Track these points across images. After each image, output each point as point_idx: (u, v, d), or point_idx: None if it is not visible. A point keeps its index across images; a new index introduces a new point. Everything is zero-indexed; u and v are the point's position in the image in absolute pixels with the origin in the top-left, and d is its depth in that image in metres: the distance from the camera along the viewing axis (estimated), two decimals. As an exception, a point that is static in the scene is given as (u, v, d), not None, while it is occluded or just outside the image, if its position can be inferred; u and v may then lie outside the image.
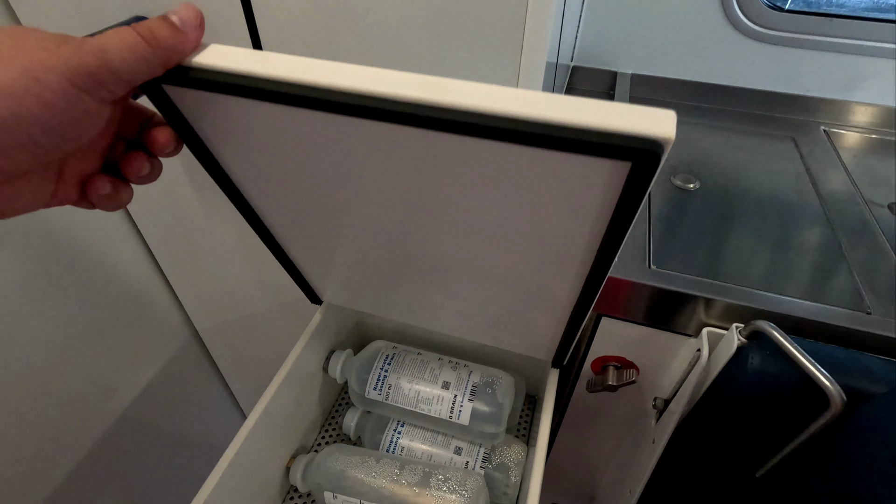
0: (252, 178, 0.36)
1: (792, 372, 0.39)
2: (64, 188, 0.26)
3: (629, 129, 0.22)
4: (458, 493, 0.49)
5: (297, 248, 0.46)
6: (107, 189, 0.27)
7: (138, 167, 0.27)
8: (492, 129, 0.24)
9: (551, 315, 0.43)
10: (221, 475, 0.43)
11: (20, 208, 0.24)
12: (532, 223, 0.31)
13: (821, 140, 0.80)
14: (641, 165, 0.23)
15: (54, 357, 0.62)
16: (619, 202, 0.26)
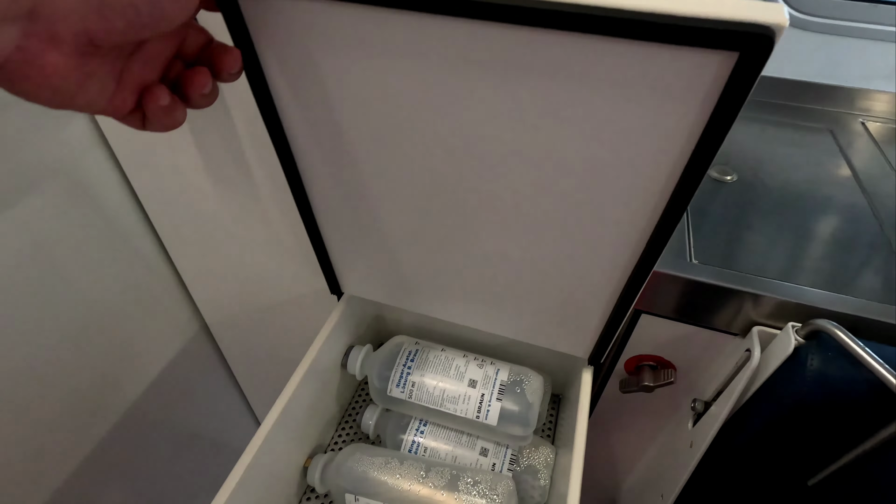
0: (307, 121, 0.35)
1: (857, 375, 0.37)
2: (122, 93, 0.25)
3: (739, 17, 0.21)
4: (489, 497, 0.46)
5: (332, 221, 0.44)
6: (165, 100, 0.26)
7: (202, 83, 0.27)
8: (595, 20, 0.23)
9: (596, 301, 0.40)
10: (243, 474, 0.41)
11: (84, 102, 0.24)
12: (614, 146, 0.29)
13: (859, 133, 0.77)
14: (751, 56, 0.22)
15: (59, 349, 0.60)
16: (719, 104, 0.24)
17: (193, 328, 0.80)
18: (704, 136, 0.26)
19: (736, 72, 0.23)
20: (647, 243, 0.34)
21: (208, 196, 0.58)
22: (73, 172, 0.57)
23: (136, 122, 0.27)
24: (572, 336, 0.46)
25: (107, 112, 0.26)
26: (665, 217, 0.31)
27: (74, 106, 0.24)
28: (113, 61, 0.24)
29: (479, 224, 0.38)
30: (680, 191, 0.30)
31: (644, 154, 0.29)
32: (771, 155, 0.70)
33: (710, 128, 0.26)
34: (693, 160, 0.28)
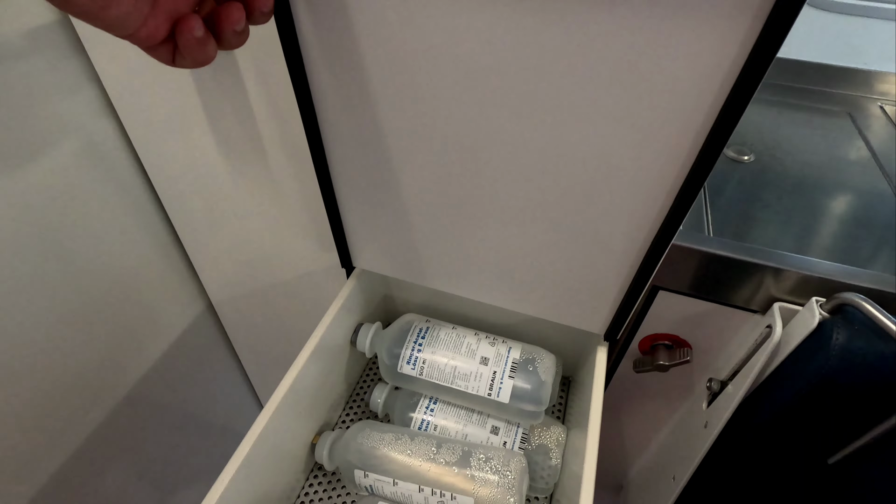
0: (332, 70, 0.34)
1: (885, 349, 0.36)
2: (155, 19, 0.25)
3: None
4: (501, 473, 0.45)
5: (350, 187, 0.43)
6: (200, 31, 0.26)
7: (236, 18, 0.26)
8: None
9: (616, 270, 0.39)
10: (248, 451, 0.40)
11: (114, 17, 0.23)
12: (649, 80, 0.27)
13: (878, 116, 0.76)
14: None
15: (63, 325, 0.59)
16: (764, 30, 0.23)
17: (198, 308, 0.79)
18: (746, 68, 0.25)
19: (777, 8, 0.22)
20: (667, 215, 0.33)
21: (218, 171, 0.57)
22: (79, 143, 0.55)
23: (167, 54, 0.27)
24: (589, 312, 0.45)
25: (139, 37, 0.25)
26: (685, 187, 0.30)
27: (106, 17, 0.23)
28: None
29: (497, 194, 0.37)
30: (701, 159, 0.29)
31: (679, 92, 0.27)
32: (788, 136, 0.69)
33: (753, 59, 0.24)
34: (729, 101, 0.26)
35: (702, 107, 0.27)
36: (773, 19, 0.23)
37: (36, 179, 0.52)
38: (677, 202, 0.32)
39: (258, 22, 0.28)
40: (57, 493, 0.62)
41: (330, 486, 0.53)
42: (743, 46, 0.25)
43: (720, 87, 0.26)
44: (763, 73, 0.25)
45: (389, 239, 0.46)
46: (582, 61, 0.28)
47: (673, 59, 0.26)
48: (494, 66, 0.30)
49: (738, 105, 0.26)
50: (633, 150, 0.31)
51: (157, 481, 0.79)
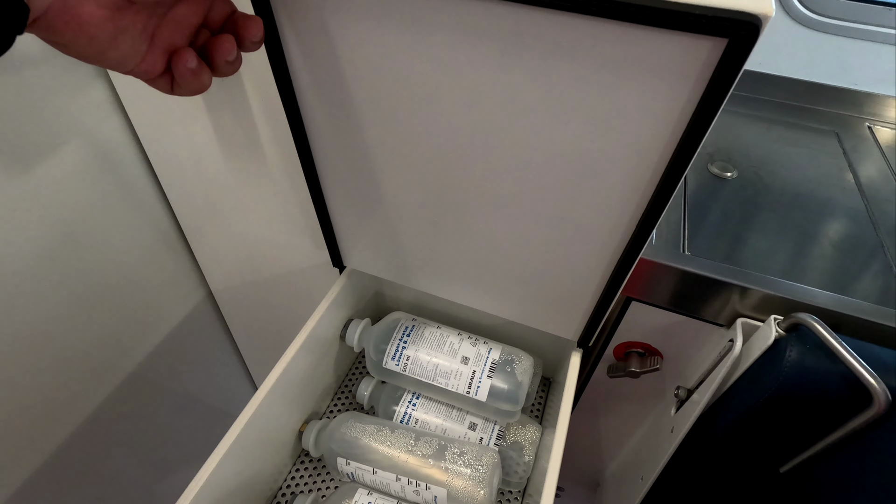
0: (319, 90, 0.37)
1: (833, 368, 0.38)
2: (153, 54, 0.27)
3: (728, 4, 0.23)
4: (474, 467, 0.48)
5: (338, 193, 0.46)
6: (193, 63, 0.28)
7: (227, 49, 0.28)
8: (589, 3, 0.24)
9: (585, 286, 0.42)
10: (238, 435, 0.43)
11: (115, 58, 0.25)
12: (609, 124, 0.30)
13: (865, 136, 0.77)
14: (738, 43, 0.23)
15: (67, 309, 0.61)
16: (709, 87, 0.26)
17: (199, 296, 0.82)
18: (693, 121, 0.28)
19: (725, 57, 0.25)
20: (635, 229, 0.35)
21: (220, 167, 0.60)
22: (90, 138, 0.58)
23: (165, 85, 0.29)
24: (561, 318, 0.47)
25: (138, 72, 0.27)
26: (652, 203, 0.33)
27: (107, 59, 0.25)
28: (145, 20, 0.26)
29: (475, 203, 0.40)
30: (668, 175, 0.31)
31: (635, 137, 0.30)
32: (774, 154, 0.71)
33: (700, 111, 0.27)
34: (682, 144, 0.29)
35: (660, 139, 0.30)
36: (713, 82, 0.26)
37: (49, 172, 0.55)
38: (641, 225, 0.35)
39: (249, 50, 0.30)
40: (56, 470, 0.65)
41: (315, 472, 0.56)
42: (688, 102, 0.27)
43: (676, 124, 0.29)
44: (712, 116, 0.27)
45: (376, 242, 0.49)
46: (543, 97, 0.30)
47: (626, 101, 0.29)
48: (467, 96, 0.32)
49: (694, 139, 0.29)
50: (597, 176, 0.33)
51: (155, 461, 0.82)
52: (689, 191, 0.62)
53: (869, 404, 0.36)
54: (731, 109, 0.80)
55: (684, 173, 0.30)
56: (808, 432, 0.41)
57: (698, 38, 0.24)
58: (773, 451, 0.44)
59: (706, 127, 0.27)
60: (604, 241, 0.38)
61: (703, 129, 0.28)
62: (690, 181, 0.64)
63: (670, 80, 0.27)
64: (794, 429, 0.42)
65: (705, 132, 0.28)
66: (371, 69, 0.33)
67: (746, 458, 0.47)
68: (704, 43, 0.25)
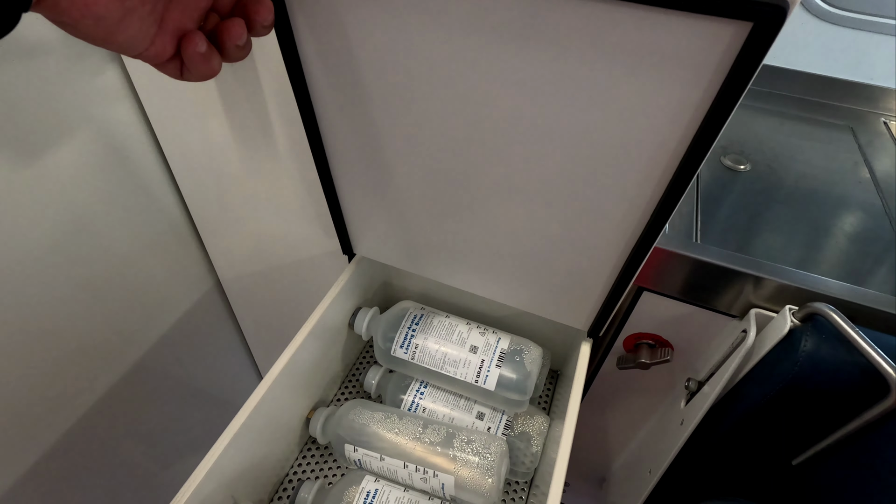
0: (329, 76, 0.36)
1: (849, 358, 0.37)
2: (162, 38, 0.27)
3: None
4: (482, 455, 0.48)
5: (348, 179, 0.46)
6: (203, 46, 0.27)
7: (238, 33, 0.28)
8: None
9: (597, 274, 0.41)
10: (245, 419, 0.43)
11: (125, 40, 0.25)
12: (626, 114, 0.30)
13: (881, 132, 0.76)
14: (763, 27, 0.22)
15: (76, 296, 0.61)
16: (730, 76, 0.25)
17: (207, 284, 0.83)
18: (712, 110, 0.27)
19: (748, 43, 0.24)
20: (650, 218, 0.35)
21: (230, 155, 0.60)
22: (103, 126, 0.58)
23: (175, 69, 0.28)
24: (573, 307, 0.47)
25: (148, 56, 0.27)
26: (668, 192, 0.32)
27: (115, 41, 0.25)
28: (154, 2, 0.25)
29: (487, 190, 0.39)
30: (684, 166, 0.30)
31: (652, 125, 0.29)
32: (788, 148, 0.70)
33: (719, 101, 0.26)
34: (700, 133, 0.28)
35: (678, 128, 0.29)
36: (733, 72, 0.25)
37: (61, 159, 0.55)
38: (656, 214, 0.34)
39: (259, 34, 0.29)
40: (62, 456, 0.65)
41: (322, 459, 0.56)
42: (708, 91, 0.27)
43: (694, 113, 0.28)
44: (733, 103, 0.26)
45: (386, 229, 0.49)
46: (558, 83, 0.30)
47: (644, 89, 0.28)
48: (481, 82, 0.32)
49: (713, 129, 0.28)
50: (612, 164, 0.33)
51: (160, 450, 0.83)
52: (702, 182, 0.62)
53: (885, 395, 0.36)
54: (744, 103, 0.79)
55: (702, 163, 0.29)
56: (822, 424, 0.41)
57: (721, 21, 0.23)
58: (786, 444, 0.44)
59: (725, 117, 0.27)
60: (618, 229, 0.37)
61: (723, 118, 0.27)
62: (703, 173, 0.63)
63: (690, 67, 0.26)
64: (807, 420, 0.41)
65: (724, 122, 0.27)
66: (382, 54, 0.33)
67: (758, 450, 0.47)
68: (727, 27, 0.24)
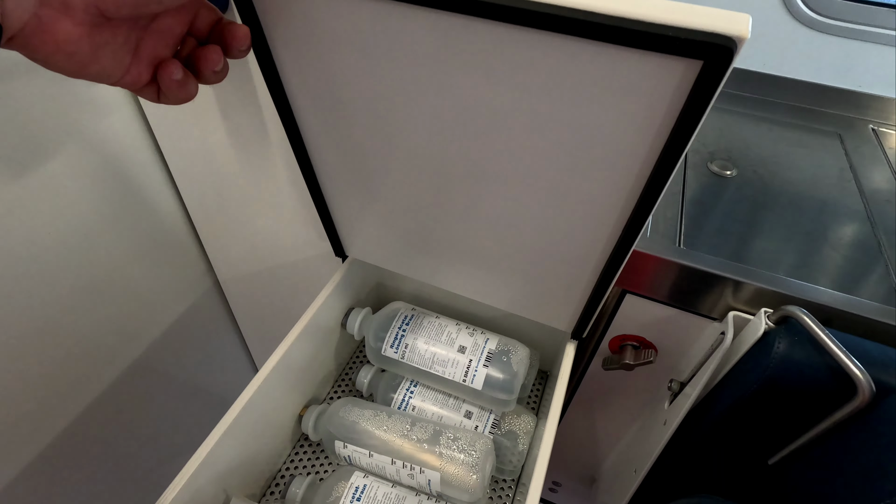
0: (308, 91, 0.37)
1: (819, 360, 0.39)
2: (137, 66, 0.27)
3: (703, 26, 0.22)
4: (467, 452, 0.49)
5: (335, 187, 0.47)
6: (179, 74, 0.28)
7: (214, 60, 0.28)
8: (564, 21, 0.24)
9: (577, 281, 0.43)
10: (238, 414, 0.45)
11: (98, 70, 0.25)
12: (588, 142, 0.30)
13: (868, 138, 0.77)
14: (713, 65, 0.23)
15: (77, 295, 0.63)
16: (684, 109, 0.26)
17: (206, 284, 0.84)
18: (673, 135, 0.27)
19: (700, 78, 0.24)
20: (625, 227, 0.35)
21: (229, 157, 0.62)
22: (106, 131, 0.60)
23: (152, 94, 0.29)
24: (555, 309, 0.48)
25: (124, 83, 0.27)
26: (640, 204, 0.33)
27: (89, 74, 0.25)
28: (127, 33, 0.25)
29: (467, 199, 0.40)
30: (653, 180, 0.31)
31: (615, 145, 0.30)
32: (775, 154, 0.71)
33: (680, 125, 0.27)
34: (663, 156, 0.29)
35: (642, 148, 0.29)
36: None
37: (67, 161, 0.57)
38: (629, 225, 0.35)
39: (236, 57, 0.30)
40: (62, 452, 0.66)
41: (314, 455, 0.58)
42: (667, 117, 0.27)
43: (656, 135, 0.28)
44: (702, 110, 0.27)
45: (375, 234, 0.50)
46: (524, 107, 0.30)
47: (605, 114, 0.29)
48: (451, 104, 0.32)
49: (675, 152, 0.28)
50: (582, 177, 0.33)
51: (159, 446, 0.84)
52: (688, 187, 0.63)
53: (853, 395, 0.37)
54: (733, 109, 0.81)
55: (669, 179, 0.30)
56: (795, 424, 0.42)
57: (673, 58, 0.24)
58: (762, 444, 0.45)
59: (688, 137, 0.27)
60: (592, 238, 0.38)
61: (685, 139, 0.27)
62: (689, 178, 0.65)
63: (647, 97, 0.26)
64: (781, 420, 0.43)
65: (688, 142, 0.27)
66: (357, 74, 0.33)
67: (736, 450, 0.48)
68: (679, 64, 0.24)
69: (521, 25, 0.25)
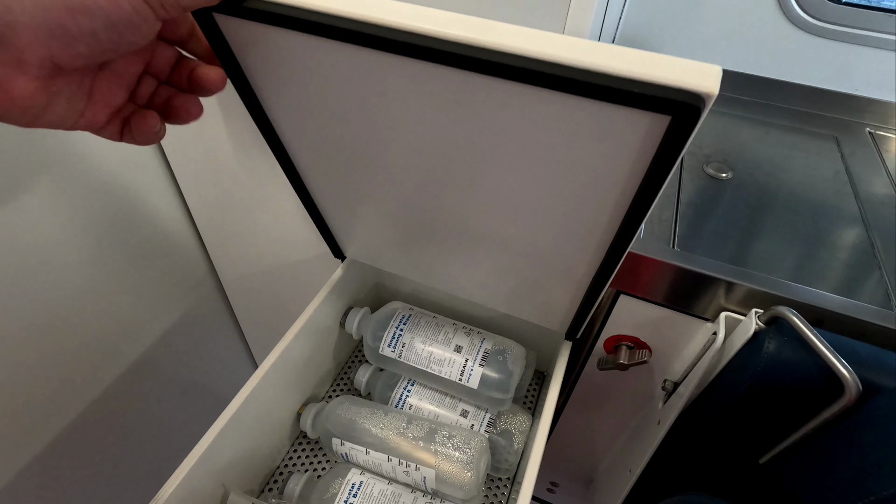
0: (290, 120, 0.37)
1: (808, 359, 0.39)
2: (93, 109, 0.27)
3: (670, 82, 0.21)
4: (462, 450, 0.50)
5: (326, 198, 0.47)
6: (158, 127, 0.29)
7: (195, 113, 0.30)
8: (531, 73, 0.23)
9: (569, 285, 0.43)
10: (236, 410, 0.45)
11: (53, 119, 0.25)
12: (563, 178, 0.30)
13: (865, 142, 0.78)
14: (681, 120, 0.22)
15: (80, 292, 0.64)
16: (655, 158, 0.25)
17: (208, 285, 0.85)
18: (646, 180, 0.27)
19: (670, 131, 0.23)
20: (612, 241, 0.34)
21: (230, 160, 0.63)
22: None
23: (113, 135, 0.29)
24: (548, 311, 0.49)
25: (80, 127, 0.27)
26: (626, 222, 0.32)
27: (43, 123, 0.25)
28: (80, 80, 0.25)
29: (456, 214, 0.40)
30: (629, 216, 0.30)
31: (595, 177, 0.29)
32: (771, 156, 0.72)
33: (651, 174, 0.26)
34: (638, 196, 0.28)
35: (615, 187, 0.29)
36: None
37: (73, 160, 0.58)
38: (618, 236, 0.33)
39: (213, 94, 0.31)
40: (65, 448, 0.67)
41: (312, 453, 0.58)
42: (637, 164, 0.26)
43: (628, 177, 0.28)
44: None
45: (369, 236, 0.51)
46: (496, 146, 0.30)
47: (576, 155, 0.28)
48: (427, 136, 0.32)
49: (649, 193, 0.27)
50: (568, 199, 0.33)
51: (160, 444, 0.85)
52: (684, 190, 0.64)
53: (841, 395, 0.37)
54: (730, 112, 0.81)
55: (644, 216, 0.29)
56: (785, 423, 0.42)
57: (642, 112, 0.23)
58: (754, 443, 0.45)
59: (660, 185, 0.27)
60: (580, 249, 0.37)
61: (657, 187, 0.27)
62: (685, 181, 0.65)
63: (617, 145, 0.26)
64: (772, 420, 0.43)
65: (659, 189, 0.27)
66: (334, 109, 0.33)
67: (728, 449, 0.48)
68: (646, 118, 0.23)
69: (482, 74, 0.25)
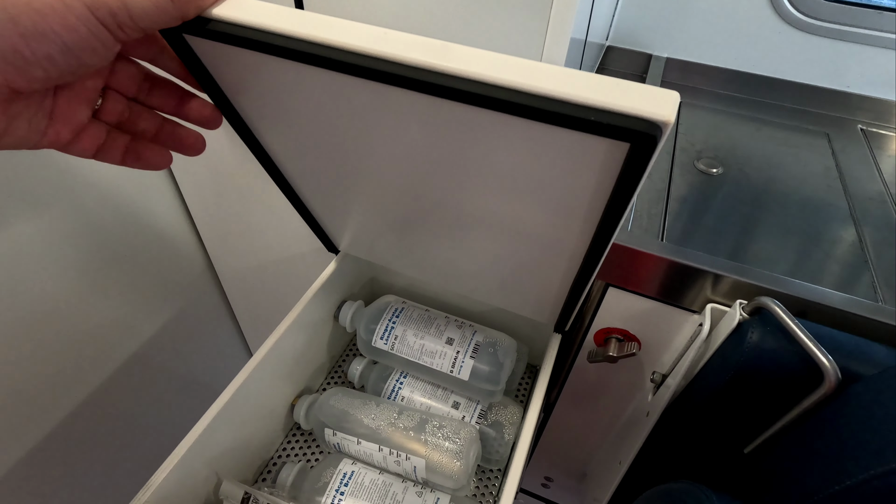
0: (270, 132, 0.38)
1: (790, 348, 0.40)
2: (54, 127, 0.27)
3: (627, 109, 0.21)
4: (452, 440, 0.50)
5: (313, 197, 0.48)
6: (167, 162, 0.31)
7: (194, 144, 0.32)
8: (488, 99, 0.23)
9: (553, 280, 0.44)
10: (229, 399, 0.46)
11: (14, 141, 0.25)
12: (534, 195, 0.31)
13: (856, 138, 0.78)
14: (639, 147, 0.22)
15: (79, 290, 0.65)
16: (618, 181, 0.25)
17: (205, 279, 0.86)
18: (612, 199, 0.27)
19: (630, 157, 0.24)
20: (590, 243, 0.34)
21: (227, 157, 0.63)
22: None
23: (81, 152, 0.29)
24: (535, 303, 0.49)
25: (44, 146, 0.27)
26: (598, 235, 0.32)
27: (5, 145, 0.25)
28: (39, 101, 0.25)
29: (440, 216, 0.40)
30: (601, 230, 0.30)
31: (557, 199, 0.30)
32: (762, 152, 0.72)
33: (616, 194, 0.26)
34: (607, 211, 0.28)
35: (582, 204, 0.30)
36: None
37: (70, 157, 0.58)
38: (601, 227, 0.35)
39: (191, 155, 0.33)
40: (61, 442, 0.68)
41: (306, 444, 0.59)
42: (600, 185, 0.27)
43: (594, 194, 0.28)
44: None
45: (360, 232, 0.51)
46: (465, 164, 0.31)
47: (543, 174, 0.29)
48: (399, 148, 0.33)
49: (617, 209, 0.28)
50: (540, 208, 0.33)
51: (157, 437, 0.85)
52: (674, 184, 0.64)
53: (821, 383, 0.38)
54: (722, 109, 0.82)
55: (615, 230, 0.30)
56: (768, 412, 0.43)
57: (600, 139, 0.23)
58: (739, 433, 0.46)
59: (622, 211, 0.27)
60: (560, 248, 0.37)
61: (619, 212, 0.27)
62: (676, 176, 0.66)
63: (580, 169, 0.26)
64: (756, 409, 0.44)
65: (622, 215, 0.27)
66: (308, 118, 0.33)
67: (715, 439, 0.49)
68: (605, 144, 0.24)
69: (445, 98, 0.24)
